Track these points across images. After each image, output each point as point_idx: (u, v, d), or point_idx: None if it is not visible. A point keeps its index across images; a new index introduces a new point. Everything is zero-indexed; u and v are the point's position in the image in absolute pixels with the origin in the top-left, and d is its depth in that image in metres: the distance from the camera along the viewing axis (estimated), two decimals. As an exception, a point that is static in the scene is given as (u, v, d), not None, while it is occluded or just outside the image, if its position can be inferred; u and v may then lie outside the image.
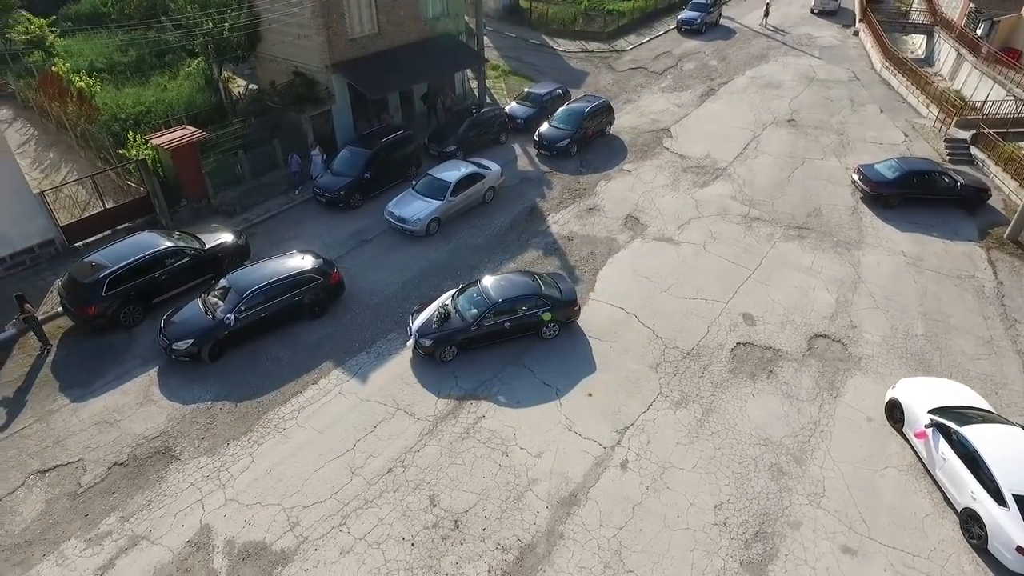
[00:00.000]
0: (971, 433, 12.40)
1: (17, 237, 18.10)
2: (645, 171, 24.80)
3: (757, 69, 35.06)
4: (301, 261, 17.12)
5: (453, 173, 21.50)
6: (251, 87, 28.51)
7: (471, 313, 15.64)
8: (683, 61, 36.34)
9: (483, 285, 16.32)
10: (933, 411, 13.34)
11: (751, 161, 25.52)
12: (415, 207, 20.59)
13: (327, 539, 11.89)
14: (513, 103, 28.86)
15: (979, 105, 29.29)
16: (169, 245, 17.14)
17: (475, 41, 29.00)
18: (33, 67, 28.26)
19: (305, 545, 11.79)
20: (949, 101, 28.69)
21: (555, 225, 21.43)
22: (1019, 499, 11.40)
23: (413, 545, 11.81)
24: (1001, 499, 11.55)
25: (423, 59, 26.42)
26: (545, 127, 26.13)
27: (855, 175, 23.28)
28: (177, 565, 11.46)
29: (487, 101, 29.87)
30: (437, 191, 20.95)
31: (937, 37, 37.75)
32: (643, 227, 21.26)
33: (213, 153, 22.06)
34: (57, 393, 14.83)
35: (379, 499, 12.61)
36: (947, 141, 26.64)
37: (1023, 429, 12.59)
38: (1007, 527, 11.33)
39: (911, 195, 22.14)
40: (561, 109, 26.65)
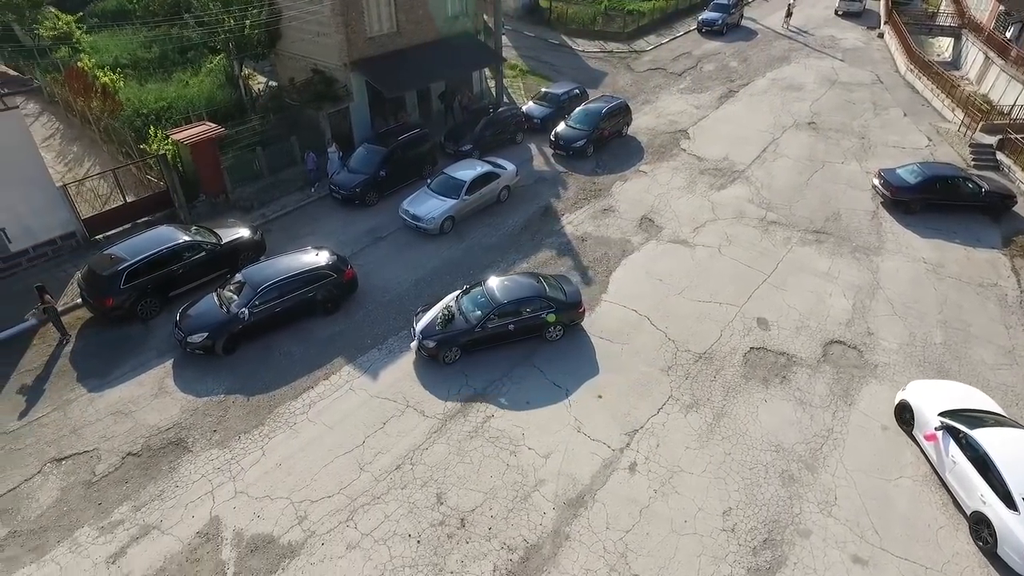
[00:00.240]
0: (982, 436, 12.27)
1: (40, 229, 18.46)
2: (661, 173, 24.64)
3: (778, 71, 34.66)
4: (315, 257, 17.24)
5: (468, 172, 21.53)
6: (271, 84, 28.80)
7: (475, 315, 15.57)
8: (703, 62, 36.03)
9: (487, 286, 16.25)
10: (943, 414, 13.21)
11: (769, 164, 25.23)
12: (430, 205, 20.66)
13: (334, 534, 11.97)
14: (530, 103, 28.83)
15: (1007, 109, 28.68)
16: (186, 239, 17.37)
17: (493, 40, 28.99)
18: (59, 62, 28.79)
19: (312, 539, 11.88)
20: (975, 105, 28.14)
21: (569, 225, 21.36)
22: (1031, 503, 11.20)
23: (419, 542, 11.85)
24: (1011, 503, 11.40)
25: (441, 58, 26.49)
26: (562, 127, 26.07)
27: (876, 179, 22.92)
28: (187, 555, 11.61)
29: (504, 100, 29.88)
30: (452, 190, 21.00)
31: (964, 40, 37.05)
32: (658, 229, 21.12)
33: (232, 149, 22.32)
34: (75, 383, 15.10)
35: (386, 495, 12.67)
36: (972, 146, 26.13)
37: None
38: (1017, 531, 11.16)
39: (933, 201, 21.74)
40: (578, 109, 26.57)
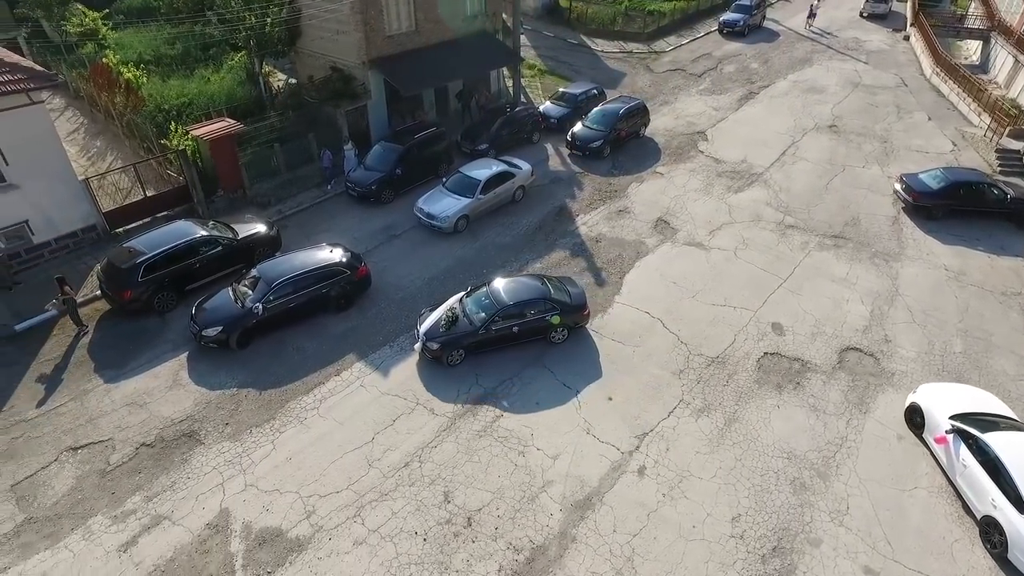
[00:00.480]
0: (993, 440, 12.09)
1: (62, 222, 18.79)
2: (678, 174, 24.45)
3: (800, 73, 34.23)
4: (330, 254, 17.35)
5: (483, 171, 21.54)
6: (290, 81, 29.05)
7: (479, 316, 15.50)
8: (723, 63, 35.70)
9: (491, 288, 16.17)
10: (954, 417, 13.04)
11: (789, 167, 24.93)
12: (444, 204, 20.70)
13: (341, 529, 12.03)
14: (547, 102, 28.76)
15: (1035, 115, 28.03)
16: (203, 234, 17.57)
17: (511, 40, 28.97)
18: (85, 58, 29.30)
19: (320, 534, 11.95)
20: (1003, 110, 27.53)
21: (584, 226, 21.28)
22: (1042, 507, 11.03)
23: (425, 540, 11.87)
24: (1023, 507, 11.20)
25: (459, 57, 26.53)
26: (578, 127, 25.98)
27: (897, 184, 22.53)
28: (196, 546, 11.74)
29: (522, 100, 29.86)
30: (467, 188, 21.02)
31: (994, 43, 36.24)
32: (673, 231, 20.96)
33: (250, 145, 22.53)
34: (92, 373, 15.36)
35: (394, 492, 12.71)
36: (998, 151, 25.58)
37: None
38: None
39: (956, 207, 21.33)
40: (595, 109, 26.47)
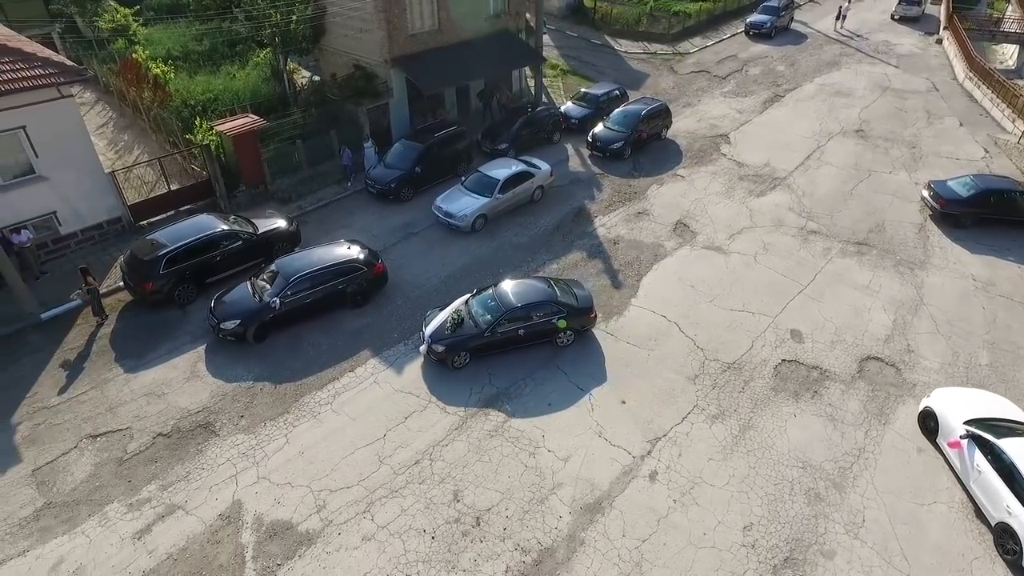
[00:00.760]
0: (1009, 446, 11.87)
1: (88, 213, 19.18)
2: (699, 177, 24.19)
3: (827, 76, 33.66)
4: (347, 250, 17.47)
5: (502, 171, 21.52)
6: (314, 79, 29.32)
7: (485, 319, 15.40)
8: (748, 66, 35.25)
9: (497, 290, 16.07)
10: (969, 422, 12.84)
11: (813, 172, 24.52)
12: (463, 203, 20.72)
13: (351, 524, 12.10)
14: (569, 103, 28.65)
15: (1072, 122, 27.22)
16: (224, 228, 17.80)
17: (534, 39, 28.91)
18: (116, 54, 29.89)
19: (329, 528, 12.03)
20: (1037, 116, 26.78)
21: (602, 228, 21.15)
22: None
23: (433, 538, 11.89)
24: None
25: (481, 56, 26.55)
26: (599, 128, 25.84)
27: (925, 191, 22.03)
28: (208, 537, 11.89)
29: (543, 100, 29.77)
30: (485, 188, 21.02)
31: (1030, 47, 35.32)
32: (692, 234, 20.73)
33: (273, 141, 22.78)
34: (113, 363, 15.65)
35: (404, 490, 12.75)
36: (1032, 159, 24.91)
37: None
38: None
39: (986, 215, 20.78)
40: (617, 110, 26.30)
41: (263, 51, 28.41)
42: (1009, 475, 11.69)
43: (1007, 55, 38.40)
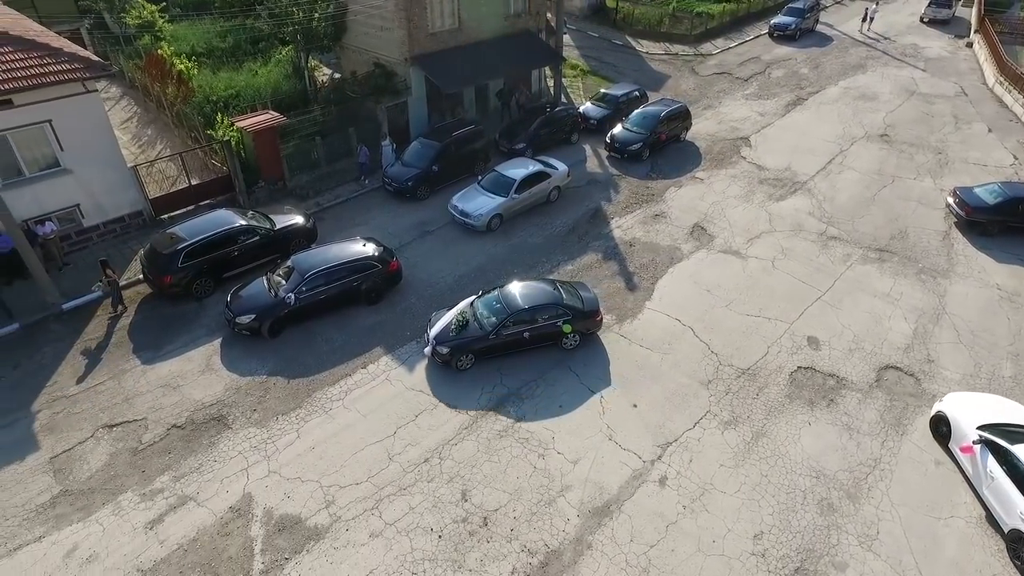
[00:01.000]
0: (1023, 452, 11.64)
1: (111, 207, 19.50)
2: (718, 180, 23.93)
3: (852, 79, 33.11)
4: (362, 247, 17.55)
5: (519, 171, 21.48)
6: (334, 76, 29.52)
7: (490, 321, 15.32)
8: (772, 68, 34.81)
9: (503, 292, 15.98)
10: (982, 427, 12.63)
11: (834, 176, 24.13)
12: (479, 202, 20.71)
13: (359, 521, 12.15)
14: (588, 103, 28.52)
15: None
16: (242, 223, 17.98)
17: (554, 39, 28.82)
18: (142, 49, 30.35)
19: (337, 524, 12.09)
20: (1070, 123, 26.10)
21: (618, 229, 21.02)
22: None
23: (440, 537, 11.89)
24: None
25: (500, 55, 26.53)
26: (618, 129, 25.68)
27: (950, 198, 21.56)
28: (218, 528, 12.02)
29: (562, 100, 29.68)
30: (502, 187, 21.00)
31: (1064, 52, 34.43)
32: (710, 238, 20.52)
33: (292, 138, 22.96)
34: (131, 354, 15.89)
35: (413, 487, 12.77)
36: (1063, 167, 24.28)
37: None
38: None
39: (1013, 224, 20.29)
40: (636, 112, 26.12)
41: (285, 48, 28.66)
42: (1023, 482, 11.49)
43: (1040, 60, 37.46)
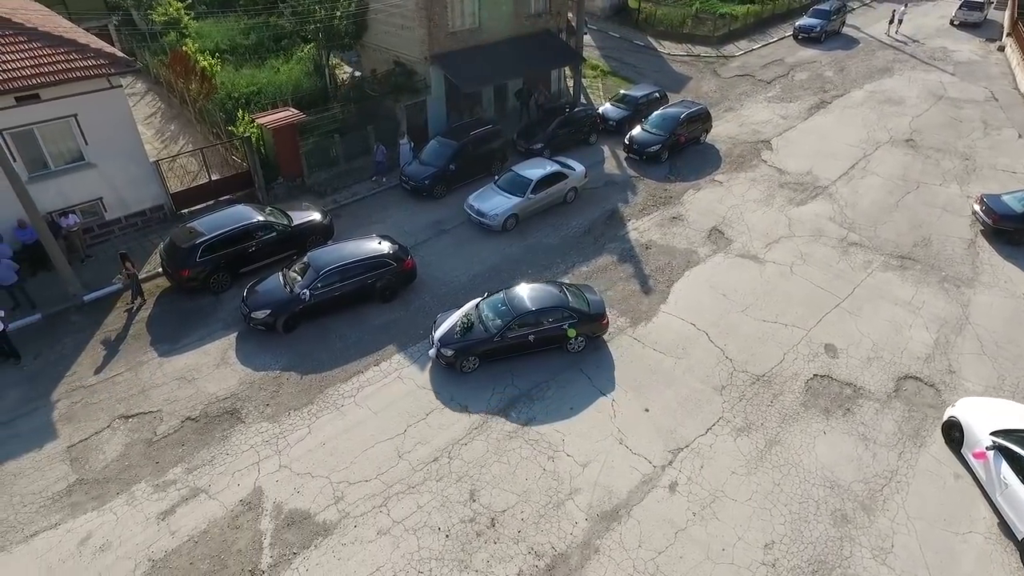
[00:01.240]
0: None
1: (133, 201, 19.82)
2: (737, 183, 23.65)
3: (878, 83, 32.53)
4: (378, 245, 17.62)
5: (536, 171, 21.42)
6: (355, 74, 29.70)
7: (495, 324, 15.24)
8: (795, 70, 34.33)
9: (508, 294, 15.92)
10: (996, 433, 12.38)
11: (857, 181, 23.72)
12: (495, 202, 20.69)
13: (367, 518, 12.19)
14: (607, 104, 28.36)
15: None
16: (260, 219, 18.15)
17: (575, 39, 28.70)
18: (167, 46, 30.81)
19: (346, 520, 12.14)
20: (1104, 130, 25.37)
21: (634, 232, 20.87)
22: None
23: (448, 536, 11.89)
24: None
25: (520, 55, 26.49)
26: (637, 130, 25.51)
27: (977, 205, 21.06)
28: (229, 521, 12.14)
29: (582, 101, 29.54)
30: (518, 187, 20.96)
31: (1099, 57, 33.48)
32: (727, 242, 20.28)
33: (312, 135, 23.14)
34: (148, 346, 16.12)
35: (421, 486, 12.78)
36: (1096, 175, 23.60)
37: None
38: None
39: (1042, 233, 19.80)
40: (655, 113, 25.92)
41: (307, 46, 28.91)
42: None
43: (1074, 65, 36.46)
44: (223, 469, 13.09)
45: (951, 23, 41.73)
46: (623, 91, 28.81)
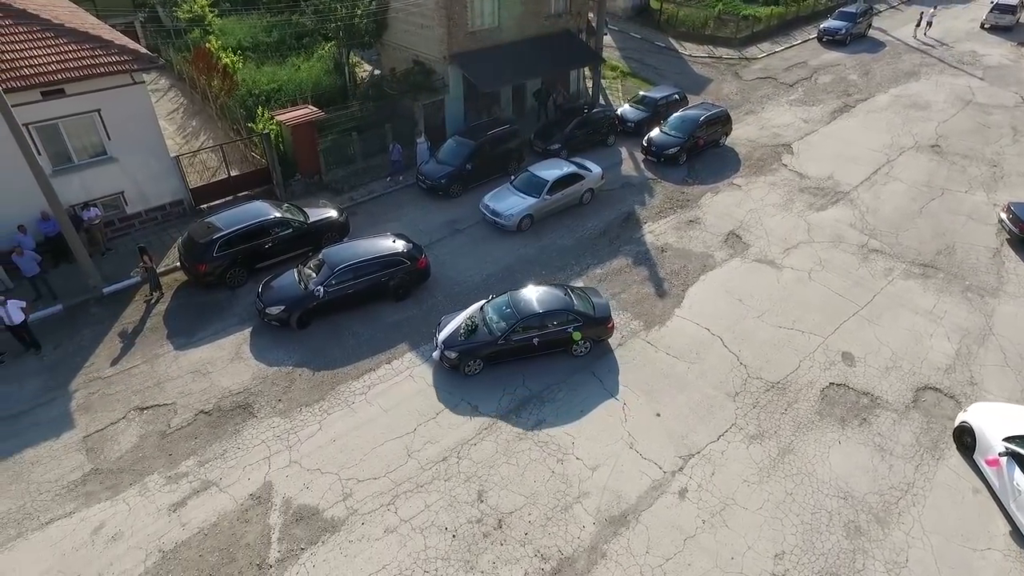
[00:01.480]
0: None
1: (153, 195, 20.10)
2: (756, 187, 23.36)
3: (904, 87, 31.94)
4: (392, 243, 17.67)
5: (552, 171, 21.33)
6: (375, 72, 29.84)
7: (499, 326, 15.16)
8: (819, 73, 33.83)
9: (513, 297, 15.82)
10: (1009, 439, 12.14)
11: (879, 187, 23.30)
12: (510, 202, 20.65)
13: (375, 515, 12.22)
14: (626, 105, 28.18)
15: None
16: (277, 215, 18.30)
17: (595, 40, 28.55)
18: (191, 43, 31.22)
19: (354, 517, 12.18)
20: None
21: (650, 234, 20.70)
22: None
23: (454, 536, 11.87)
24: None
25: (539, 55, 26.42)
26: (655, 132, 25.31)
27: (1003, 213, 20.57)
28: (238, 515, 12.24)
29: (600, 101, 29.39)
30: (534, 188, 20.89)
31: None
32: (745, 246, 20.03)
33: (330, 132, 23.29)
34: (164, 339, 16.33)
35: (429, 485, 12.78)
36: None
37: None
38: None
39: (1071, 243, 19.30)
40: (675, 115, 25.69)
41: (328, 44, 29.12)
42: None
43: (1109, 70, 35.48)
44: (234, 463, 13.21)
45: (982, 26, 40.82)
46: (642, 92, 28.60)
